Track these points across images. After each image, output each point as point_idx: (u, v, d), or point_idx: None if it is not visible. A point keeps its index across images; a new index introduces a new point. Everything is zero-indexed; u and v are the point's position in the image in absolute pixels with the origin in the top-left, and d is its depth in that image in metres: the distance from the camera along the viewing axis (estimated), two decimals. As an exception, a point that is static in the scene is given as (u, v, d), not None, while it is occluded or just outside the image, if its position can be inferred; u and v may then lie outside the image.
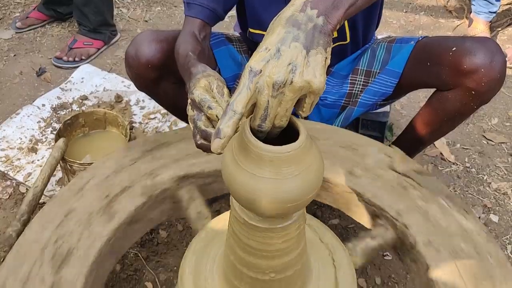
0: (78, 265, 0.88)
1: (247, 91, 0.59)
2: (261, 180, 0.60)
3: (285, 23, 0.63)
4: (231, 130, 0.59)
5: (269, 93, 0.60)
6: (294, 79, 0.60)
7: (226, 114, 0.59)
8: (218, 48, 1.30)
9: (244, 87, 0.60)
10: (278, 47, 0.61)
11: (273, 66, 0.60)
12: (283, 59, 0.60)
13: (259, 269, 0.73)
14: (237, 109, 0.59)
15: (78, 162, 1.43)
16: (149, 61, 1.14)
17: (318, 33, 0.62)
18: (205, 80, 0.77)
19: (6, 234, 1.26)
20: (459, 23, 2.60)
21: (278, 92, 0.60)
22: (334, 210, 1.55)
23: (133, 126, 1.83)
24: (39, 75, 2.16)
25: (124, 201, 0.99)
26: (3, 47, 2.35)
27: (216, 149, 0.60)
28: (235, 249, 0.73)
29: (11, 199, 1.58)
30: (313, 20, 0.63)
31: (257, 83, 0.60)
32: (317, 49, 0.62)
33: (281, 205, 0.62)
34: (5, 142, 1.75)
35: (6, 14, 2.59)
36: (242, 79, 0.61)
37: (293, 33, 0.61)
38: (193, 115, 0.75)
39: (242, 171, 0.61)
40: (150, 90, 1.26)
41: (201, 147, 0.74)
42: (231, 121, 0.59)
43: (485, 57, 1.00)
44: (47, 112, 1.89)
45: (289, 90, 0.60)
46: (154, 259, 1.41)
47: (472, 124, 1.93)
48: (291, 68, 0.60)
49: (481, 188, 1.67)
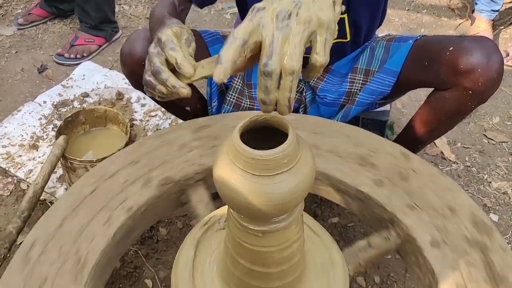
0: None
1: (248, 22, 0.58)
2: (251, 184, 0.61)
3: None
4: (231, 55, 0.58)
5: (274, 26, 0.57)
6: (300, 11, 0.57)
7: (227, 42, 0.58)
8: (214, 45, 1.31)
9: (246, 20, 0.58)
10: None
11: (278, 2, 0.58)
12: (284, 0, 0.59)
13: (257, 265, 0.73)
14: (237, 35, 0.58)
15: (78, 160, 1.43)
16: (142, 58, 1.14)
17: None
18: (178, 28, 0.80)
19: (6, 231, 1.27)
20: (462, 21, 2.59)
21: (283, 24, 0.57)
22: (334, 208, 1.56)
23: (133, 124, 1.84)
24: (41, 72, 2.17)
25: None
26: (5, 43, 2.35)
27: (218, 75, 0.58)
28: (231, 249, 0.74)
29: (12, 195, 1.59)
30: None
31: (260, 18, 0.58)
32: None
33: (272, 207, 0.62)
34: (7, 139, 1.75)
35: (8, 11, 2.59)
36: (244, 21, 0.59)
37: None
38: (154, 52, 0.77)
39: (232, 175, 0.61)
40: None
41: (146, 84, 0.77)
42: (231, 47, 0.58)
43: (482, 57, 1.00)
44: (48, 109, 1.90)
45: (295, 22, 0.57)
46: (154, 257, 1.42)
47: (473, 123, 1.93)
48: (296, 3, 0.58)
49: (481, 187, 1.67)
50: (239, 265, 0.74)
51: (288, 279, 0.75)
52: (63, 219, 0.91)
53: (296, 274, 0.76)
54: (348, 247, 0.93)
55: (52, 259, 0.85)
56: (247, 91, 1.35)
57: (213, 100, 1.33)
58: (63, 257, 0.85)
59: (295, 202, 0.63)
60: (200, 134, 1.09)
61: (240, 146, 0.60)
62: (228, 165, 0.62)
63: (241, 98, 1.34)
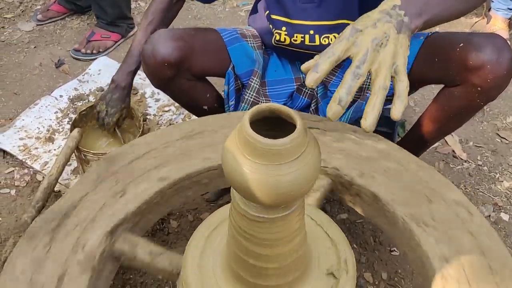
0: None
1: (346, 41, 0.70)
2: (259, 171, 0.62)
3: (380, 12, 0.75)
4: (327, 67, 0.68)
5: (369, 45, 0.69)
6: (388, 43, 0.70)
7: (325, 54, 0.69)
8: (233, 45, 1.32)
9: (344, 38, 0.70)
10: (375, 22, 0.72)
11: (371, 31, 0.71)
12: (379, 29, 0.71)
13: (259, 258, 0.75)
14: (335, 51, 0.69)
15: (92, 152, 1.46)
16: (165, 59, 1.18)
17: (405, 25, 0.74)
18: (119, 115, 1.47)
19: (21, 220, 1.30)
20: (477, 20, 2.57)
21: (376, 48, 0.69)
22: (343, 205, 1.56)
23: (147, 118, 1.87)
24: (58, 66, 2.21)
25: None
26: (24, 39, 2.40)
27: (310, 82, 0.68)
28: (236, 239, 0.75)
29: (28, 186, 1.63)
30: (401, 16, 0.75)
31: (356, 38, 0.70)
32: (404, 34, 0.73)
33: (279, 195, 0.63)
34: (24, 131, 1.80)
35: (27, 7, 2.65)
36: (344, 33, 0.71)
37: (387, 18, 0.73)
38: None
39: (241, 162, 0.63)
40: (166, 87, 1.29)
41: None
42: (328, 60, 0.68)
43: (491, 54, 1.00)
44: (64, 103, 1.94)
45: (385, 51, 0.69)
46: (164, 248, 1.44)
47: (486, 122, 1.92)
48: (386, 36, 0.71)
49: (493, 186, 1.66)
50: (249, 252, 0.75)
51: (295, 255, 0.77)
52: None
53: (301, 263, 0.78)
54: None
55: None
56: (262, 89, 1.36)
57: (231, 99, 1.34)
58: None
59: (302, 191, 0.65)
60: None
61: (250, 134, 0.61)
62: (237, 155, 0.63)
63: (258, 97, 1.35)
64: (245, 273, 0.78)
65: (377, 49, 0.69)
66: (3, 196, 1.60)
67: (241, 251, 0.76)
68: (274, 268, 0.76)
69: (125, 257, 0.97)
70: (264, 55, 1.40)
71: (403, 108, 0.69)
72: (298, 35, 1.25)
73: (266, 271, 0.76)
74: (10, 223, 1.51)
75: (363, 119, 0.66)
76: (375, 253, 1.43)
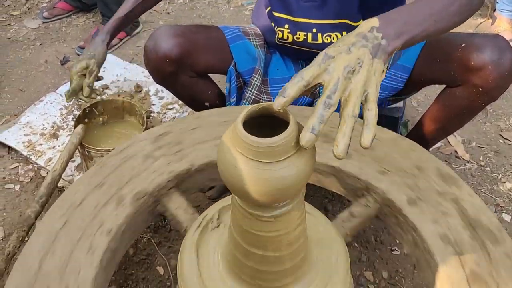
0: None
1: (318, 67, 0.68)
2: (252, 170, 0.63)
3: (356, 35, 0.73)
4: (294, 92, 0.65)
5: (340, 73, 0.67)
6: (361, 70, 0.68)
7: (294, 79, 0.67)
8: (235, 42, 1.33)
9: (316, 63, 0.68)
10: (349, 47, 0.70)
11: (345, 57, 0.69)
12: (353, 55, 0.69)
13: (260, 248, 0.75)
14: (305, 76, 0.67)
15: (95, 148, 1.47)
16: (166, 55, 1.19)
17: (381, 49, 0.72)
18: (85, 63, 1.35)
19: (25, 215, 1.32)
20: (482, 21, 2.56)
21: (347, 76, 0.67)
22: (345, 203, 1.57)
23: (151, 115, 1.88)
24: (63, 63, 2.23)
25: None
26: (30, 36, 2.42)
27: (277, 106, 0.65)
28: (236, 237, 0.76)
29: (32, 182, 1.65)
30: (378, 39, 0.73)
31: (328, 65, 0.68)
32: (379, 59, 0.70)
33: (272, 193, 0.64)
34: (29, 127, 1.81)
35: (34, 4, 2.67)
36: (316, 59, 0.69)
37: (363, 42, 0.71)
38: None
39: (235, 162, 0.64)
40: (168, 83, 1.30)
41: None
42: (297, 85, 0.66)
43: (493, 54, 1.00)
44: (69, 100, 1.95)
45: (357, 78, 0.68)
46: (166, 245, 1.45)
47: (489, 123, 1.91)
48: (359, 62, 0.69)
49: (495, 187, 1.66)
50: (250, 254, 0.75)
51: (296, 259, 0.78)
52: (41, 260, 0.86)
53: (292, 263, 0.78)
54: (332, 220, 0.97)
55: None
56: (264, 87, 1.37)
57: (232, 96, 1.35)
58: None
59: (296, 188, 0.66)
60: (160, 142, 1.10)
61: (242, 133, 0.62)
62: (231, 152, 0.64)
63: (260, 95, 1.36)
64: (246, 263, 0.79)
65: (348, 76, 0.67)
66: (8, 192, 1.61)
67: (241, 252, 0.77)
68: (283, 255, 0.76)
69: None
70: (267, 54, 1.40)
71: (372, 136, 0.66)
72: (301, 33, 1.26)
73: (278, 259, 0.77)
74: (14, 218, 1.53)
75: (335, 146, 0.64)
76: (376, 252, 1.43)
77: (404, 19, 0.77)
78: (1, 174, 1.67)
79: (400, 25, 0.76)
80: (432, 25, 0.80)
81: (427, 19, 0.80)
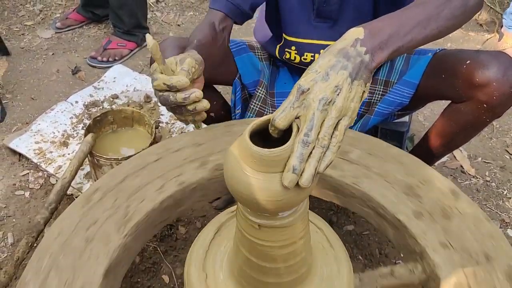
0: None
1: (290, 109, 0.66)
2: (256, 179, 0.65)
3: (337, 53, 0.70)
4: (282, 126, 0.65)
5: (316, 107, 0.65)
6: (338, 100, 0.66)
7: (270, 128, 0.67)
8: (240, 55, 1.36)
9: (289, 104, 0.66)
10: (327, 71, 0.68)
11: (321, 86, 0.66)
12: (330, 81, 0.67)
13: (266, 260, 0.77)
14: (278, 125, 0.65)
15: (104, 157, 1.50)
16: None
17: (364, 67, 0.69)
18: (173, 58, 0.99)
19: (34, 221, 1.34)
20: (489, 37, 2.58)
21: (323, 108, 0.65)
22: (350, 216, 1.58)
23: (159, 126, 1.90)
24: (74, 73, 2.27)
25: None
26: (43, 45, 2.47)
27: (274, 131, 0.67)
28: (241, 245, 0.78)
29: (42, 189, 1.67)
30: (361, 55, 0.70)
31: (303, 100, 0.66)
32: (359, 81, 0.68)
33: (275, 202, 0.66)
34: (40, 135, 1.84)
35: (47, 15, 2.72)
36: (290, 96, 0.67)
37: (343, 62, 0.68)
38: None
39: (240, 171, 0.66)
40: None
41: (161, 101, 0.97)
42: (273, 133, 0.67)
43: (497, 71, 1.02)
44: (79, 109, 1.98)
45: (333, 109, 0.66)
46: (172, 254, 1.47)
47: (495, 139, 1.92)
48: (336, 90, 0.66)
49: (500, 202, 1.66)
50: (254, 264, 0.77)
51: (285, 278, 0.79)
52: (125, 177, 1.01)
53: (295, 276, 0.79)
54: (370, 270, 0.92)
55: (106, 207, 0.95)
56: (270, 99, 1.39)
57: (237, 107, 1.37)
58: (115, 208, 0.95)
59: (299, 198, 0.67)
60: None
61: (248, 145, 0.64)
62: (237, 162, 0.66)
63: (264, 107, 1.38)
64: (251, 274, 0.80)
65: (325, 108, 0.65)
66: (18, 198, 1.64)
67: (245, 262, 0.79)
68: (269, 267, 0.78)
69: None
70: (273, 67, 1.43)
71: (311, 176, 0.63)
72: (308, 54, 1.28)
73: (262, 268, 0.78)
74: (23, 224, 1.55)
75: (300, 177, 0.64)
76: (380, 265, 1.44)
77: (391, 28, 0.75)
78: (12, 180, 1.70)
79: (386, 36, 0.73)
80: (421, 33, 0.78)
81: (415, 27, 0.77)
